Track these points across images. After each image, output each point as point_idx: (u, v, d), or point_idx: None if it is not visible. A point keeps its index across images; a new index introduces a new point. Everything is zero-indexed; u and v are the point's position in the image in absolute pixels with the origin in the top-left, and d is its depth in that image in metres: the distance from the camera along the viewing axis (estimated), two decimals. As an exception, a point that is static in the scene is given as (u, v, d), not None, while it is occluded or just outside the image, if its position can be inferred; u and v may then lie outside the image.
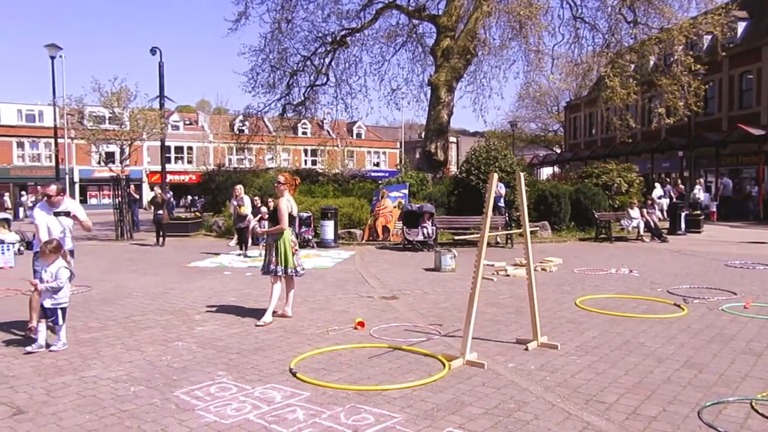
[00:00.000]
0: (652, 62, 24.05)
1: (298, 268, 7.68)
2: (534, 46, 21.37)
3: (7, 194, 40.49)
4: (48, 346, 6.03)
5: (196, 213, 26.05)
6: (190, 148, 54.54)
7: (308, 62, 26.48)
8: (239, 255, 14.35)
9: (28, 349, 5.88)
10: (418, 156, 35.82)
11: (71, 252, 6.99)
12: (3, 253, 12.74)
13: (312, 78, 27.00)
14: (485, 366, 5.44)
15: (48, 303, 6.00)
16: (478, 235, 5.87)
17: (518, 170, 17.46)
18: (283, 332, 6.88)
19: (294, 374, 5.26)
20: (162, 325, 7.21)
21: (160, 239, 17.32)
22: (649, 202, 19.39)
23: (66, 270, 6.13)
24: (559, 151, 51.62)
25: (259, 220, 15.07)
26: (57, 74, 24.06)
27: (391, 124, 60.38)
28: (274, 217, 7.66)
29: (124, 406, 4.56)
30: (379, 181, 27.25)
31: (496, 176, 5.99)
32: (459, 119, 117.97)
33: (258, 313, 7.66)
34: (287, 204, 7.50)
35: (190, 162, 53.72)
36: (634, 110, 26.46)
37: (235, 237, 15.67)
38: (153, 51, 22.97)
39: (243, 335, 6.75)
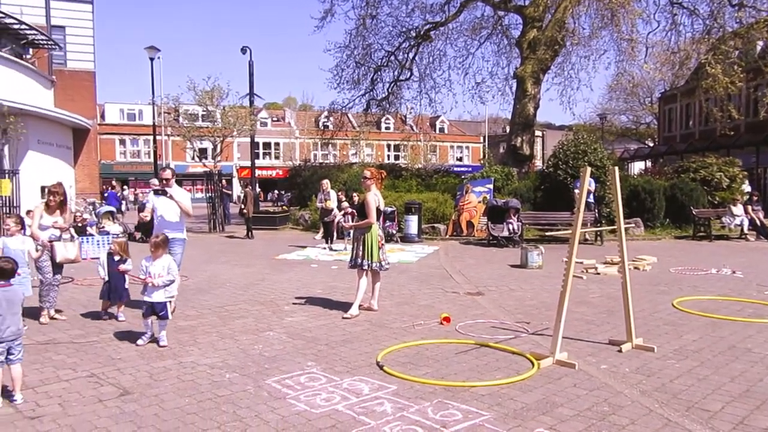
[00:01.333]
0: (759, 47, 22.44)
1: (383, 263, 7.72)
2: (627, 35, 20.50)
3: (115, 188, 43.12)
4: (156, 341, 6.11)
5: (284, 207, 26.78)
6: (277, 144, 56.18)
7: (392, 57, 26.61)
8: (325, 248, 14.63)
9: (140, 342, 6.07)
10: (502, 150, 35.20)
11: (183, 240, 7.60)
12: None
13: (396, 73, 27.12)
14: (576, 366, 5.27)
15: (162, 297, 6.05)
16: (568, 232, 5.68)
17: (609, 164, 16.75)
18: (369, 325, 6.95)
19: (381, 367, 5.30)
20: (253, 315, 7.47)
21: (250, 232, 17.95)
22: (755, 198, 18.10)
23: (175, 263, 6.26)
24: (651, 144, 49.24)
25: (344, 215, 15.31)
26: (155, 74, 25.35)
27: (474, 118, 59.76)
28: (361, 211, 7.73)
29: (220, 392, 4.75)
30: (463, 176, 27.02)
31: (589, 170, 5.78)
32: (545, 112, 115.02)
33: (344, 306, 7.78)
34: (375, 198, 7.57)
35: (277, 157, 55.34)
36: (737, 100, 24.85)
37: (321, 230, 15.98)
38: (243, 50, 23.79)
39: (331, 327, 6.88)
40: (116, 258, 7.26)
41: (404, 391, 4.74)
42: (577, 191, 15.72)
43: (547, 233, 15.14)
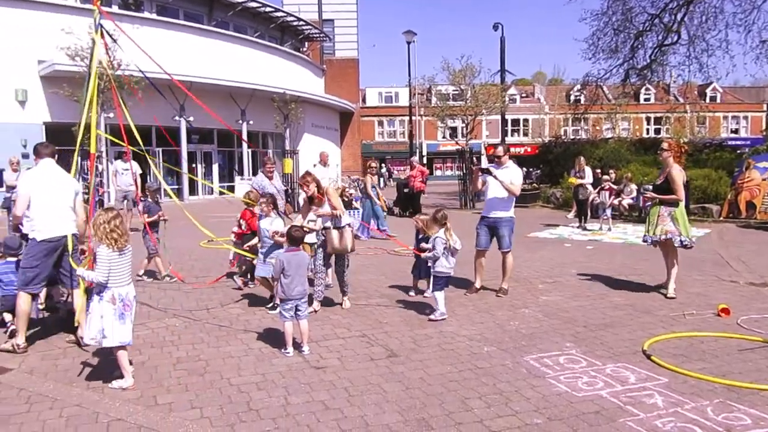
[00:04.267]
0: None
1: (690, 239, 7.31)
2: None
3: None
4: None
5: (533, 184, 26.32)
6: (525, 121, 55.30)
7: (656, 20, 24.16)
8: (578, 227, 14.04)
9: (431, 317, 6.21)
10: (794, 119, 30.05)
11: (510, 219, 7.36)
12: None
13: (660, 37, 24.56)
14: None
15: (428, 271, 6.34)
16: None
17: None
18: (632, 310, 6.50)
19: (648, 356, 4.92)
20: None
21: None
22: None
23: (442, 241, 6.28)
24: None
25: (599, 192, 14.51)
26: (411, 57, 26.64)
27: (755, 83, 51.79)
28: (662, 187, 7.20)
29: (479, 364, 4.87)
30: (739, 150, 23.68)
31: None
32: None
33: (602, 287, 7.43)
34: (681, 173, 7.18)
35: (525, 134, 54.49)
36: None
37: (575, 209, 15.36)
38: (495, 27, 23.71)
39: (588, 309, 6.59)
40: (420, 236, 7.32)
41: (677, 385, 4.33)
42: None
43: None
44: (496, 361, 4.92)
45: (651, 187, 7.64)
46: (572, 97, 48.75)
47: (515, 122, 55.22)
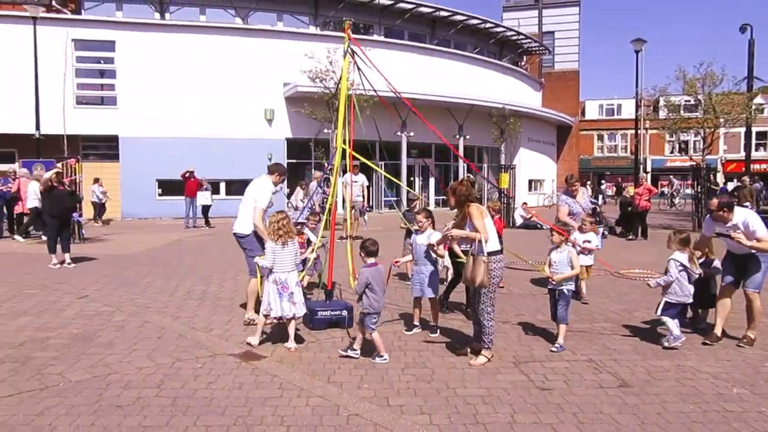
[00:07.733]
0: None
1: None
2: None
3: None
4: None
5: (783, 206, 22.93)
6: (775, 133, 48.40)
7: None
8: None
9: (665, 343, 5.84)
10: None
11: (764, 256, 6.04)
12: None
13: None
14: None
15: None
16: None
17: None
18: None
19: None
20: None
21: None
22: None
23: (676, 264, 5.95)
24: None
25: None
26: (638, 67, 24.89)
27: None
28: None
29: (728, 407, 4.36)
30: None
31: None
32: None
33: None
34: None
35: (775, 148, 47.70)
36: None
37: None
38: (743, 29, 21.23)
39: None
40: (702, 260, 6.53)
41: None
42: None
43: None
44: (750, 406, 4.36)
45: None
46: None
47: (761, 135, 48.64)
